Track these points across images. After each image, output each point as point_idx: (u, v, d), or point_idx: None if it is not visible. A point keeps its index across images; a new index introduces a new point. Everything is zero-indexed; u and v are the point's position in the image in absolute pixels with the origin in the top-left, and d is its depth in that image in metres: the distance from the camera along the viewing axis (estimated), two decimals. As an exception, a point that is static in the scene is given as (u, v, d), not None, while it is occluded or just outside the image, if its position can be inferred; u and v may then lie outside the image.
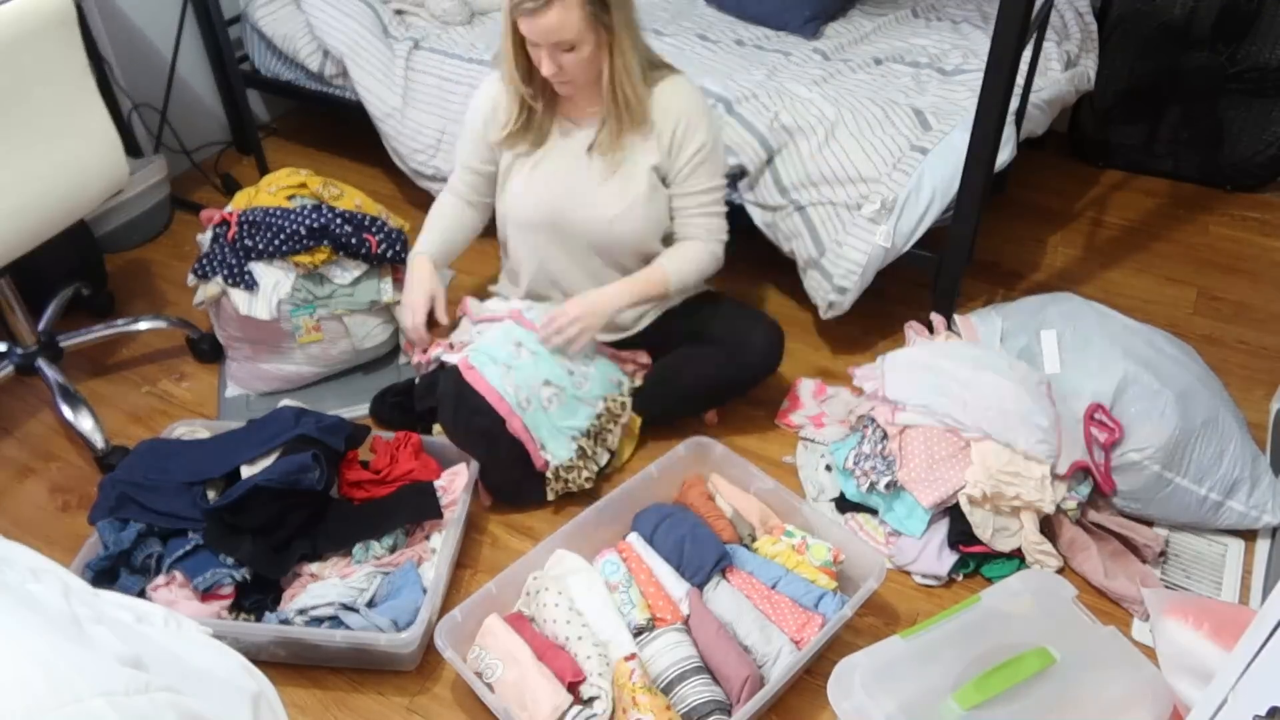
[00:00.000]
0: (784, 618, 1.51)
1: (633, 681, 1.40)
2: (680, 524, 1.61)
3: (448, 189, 1.94)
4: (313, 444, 1.64)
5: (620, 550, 1.61)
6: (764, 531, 1.66)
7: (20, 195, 1.66)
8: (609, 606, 1.51)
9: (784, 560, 1.57)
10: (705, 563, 1.55)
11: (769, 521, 1.67)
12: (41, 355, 2.03)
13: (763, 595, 1.53)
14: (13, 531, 1.81)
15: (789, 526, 1.63)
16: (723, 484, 1.74)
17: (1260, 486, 1.69)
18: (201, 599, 1.53)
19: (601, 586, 1.54)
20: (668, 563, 1.58)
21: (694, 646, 1.46)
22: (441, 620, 1.48)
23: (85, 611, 0.69)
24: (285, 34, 2.64)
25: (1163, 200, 2.67)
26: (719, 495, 1.73)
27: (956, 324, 1.96)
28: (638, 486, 1.69)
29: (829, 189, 2.00)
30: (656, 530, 1.62)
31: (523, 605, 1.57)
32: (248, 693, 0.78)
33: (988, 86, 1.72)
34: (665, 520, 1.63)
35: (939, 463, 1.66)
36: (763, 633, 1.48)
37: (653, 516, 1.64)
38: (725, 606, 1.52)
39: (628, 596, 1.53)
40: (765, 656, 1.46)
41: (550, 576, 1.56)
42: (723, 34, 2.52)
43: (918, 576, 1.68)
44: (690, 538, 1.58)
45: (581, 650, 1.45)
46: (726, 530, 1.64)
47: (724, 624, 1.49)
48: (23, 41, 1.57)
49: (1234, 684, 0.96)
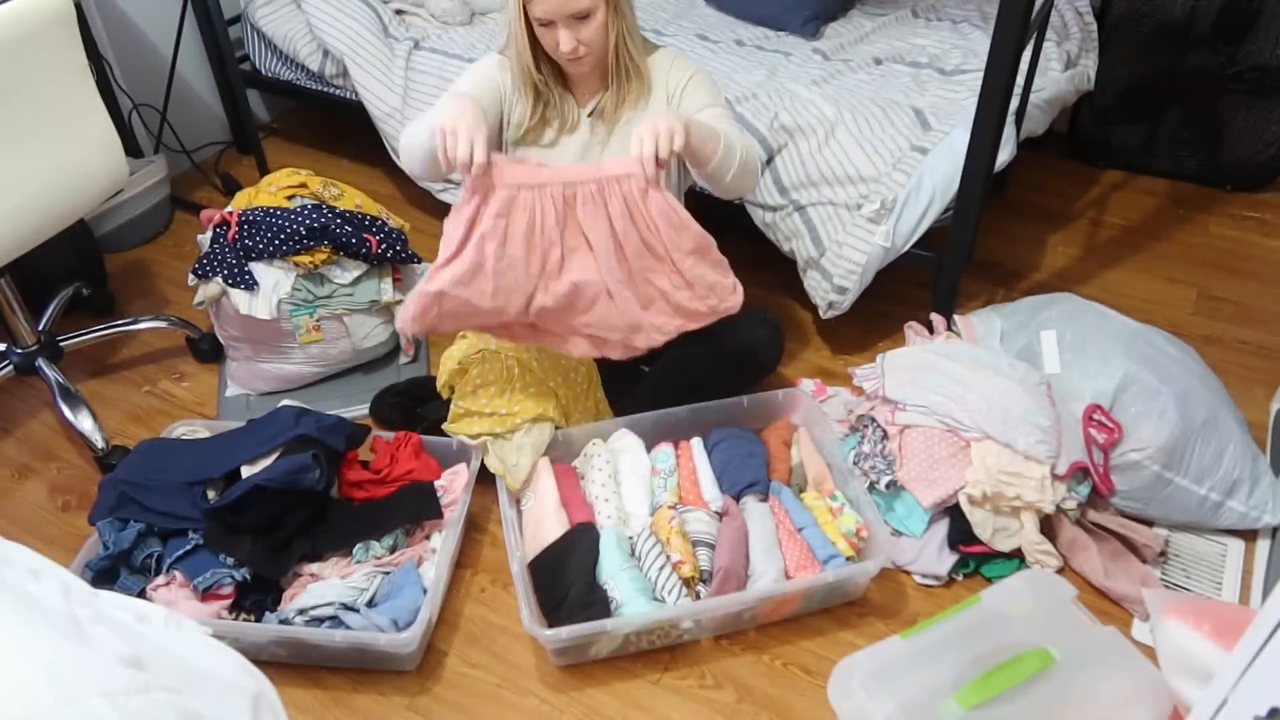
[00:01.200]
0: (793, 556, 1.59)
1: (671, 525, 1.58)
2: (740, 445, 1.75)
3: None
4: (313, 444, 1.64)
5: (678, 446, 1.78)
6: (814, 487, 1.73)
7: (20, 195, 1.66)
8: (643, 487, 1.70)
9: (817, 515, 1.65)
10: (740, 481, 1.68)
11: (824, 484, 1.73)
12: (41, 355, 2.03)
13: (788, 530, 1.63)
14: (13, 531, 1.81)
15: (836, 491, 1.68)
16: (805, 439, 1.81)
17: (1260, 486, 1.69)
18: (201, 599, 1.52)
19: (645, 470, 1.72)
20: (712, 470, 1.72)
21: (717, 529, 1.60)
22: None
23: (85, 611, 0.69)
24: (285, 34, 2.64)
25: (1163, 200, 2.67)
26: (797, 445, 1.80)
27: (956, 324, 1.96)
28: (724, 407, 1.82)
29: (829, 189, 2.00)
30: (719, 445, 1.76)
31: (578, 462, 1.78)
32: (248, 693, 0.77)
33: (988, 86, 1.72)
34: (730, 438, 1.76)
35: (939, 463, 1.67)
36: (766, 553, 1.57)
37: (722, 433, 1.79)
38: (754, 519, 1.63)
39: (665, 483, 1.69)
40: (754, 571, 1.56)
41: (605, 446, 1.76)
42: (723, 34, 2.52)
43: (918, 576, 1.68)
44: (741, 459, 1.71)
45: (604, 511, 1.65)
46: (783, 473, 1.74)
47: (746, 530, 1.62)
48: (22, 42, 1.57)
49: (1234, 684, 0.96)
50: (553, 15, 1.54)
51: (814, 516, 1.64)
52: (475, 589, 1.70)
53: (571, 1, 1.52)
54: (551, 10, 1.53)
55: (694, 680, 1.55)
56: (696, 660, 1.57)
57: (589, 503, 1.68)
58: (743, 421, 1.83)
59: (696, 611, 1.51)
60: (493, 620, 1.65)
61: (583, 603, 1.50)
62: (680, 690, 1.53)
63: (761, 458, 1.74)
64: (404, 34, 2.54)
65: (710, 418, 1.81)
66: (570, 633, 1.45)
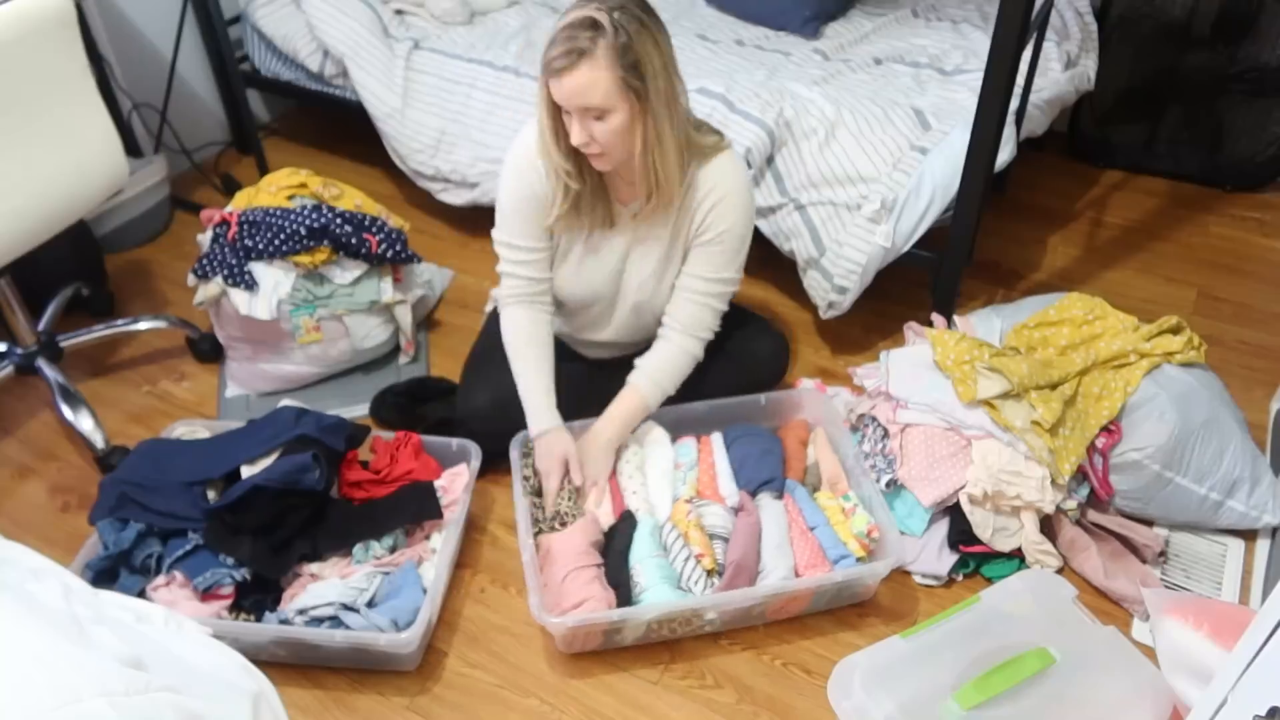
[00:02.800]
0: (803, 554, 1.60)
1: (688, 519, 1.61)
2: (757, 442, 1.77)
3: (511, 297, 1.72)
4: (313, 444, 1.64)
5: (700, 440, 1.81)
6: (828, 487, 1.74)
7: (20, 195, 1.66)
8: (667, 479, 1.73)
9: (830, 515, 1.65)
10: (756, 478, 1.71)
11: (838, 484, 1.73)
12: (41, 355, 2.03)
13: (800, 530, 1.64)
14: (13, 531, 1.81)
15: (849, 492, 1.69)
16: (821, 438, 1.83)
17: (1260, 486, 1.69)
18: (201, 599, 1.52)
19: (670, 462, 1.76)
20: (730, 466, 1.75)
21: (732, 524, 1.62)
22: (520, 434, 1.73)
23: (85, 611, 0.70)
24: (285, 34, 2.64)
25: (1163, 200, 2.67)
26: (814, 444, 1.82)
27: (956, 324, 1.96)
28: (742, 405, 1.85)
29: (829, 189, 2.00)
30: (737, 441, 1.79)
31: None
32: (248, 693, 0.78)
33: (988, 86, 1.72)
34: (747, 435, 1.79)
35: (939, 461, 1.67)
36: (778, 550, 1.58)
37: (740, 430, 1.81)
38: (767, 515, 1.65)
39: (685, 477, 1.74)
40: (764, 567, 1.58)
41: (634, 437, 1.78)
42: (723, 34, 2.52)
43: (918, 576, 1.68)
44: (757, 456, 1.74)
45: (632, 503, 1.69)
46: (798, 472, 1.76)
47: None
48: (23, 42, 1.57)
49: (1234, 684, 0.96)
50: (566, 103, 1.44)
51: (826, 516, 1.65)
52: (475, 589, 1.70)
53: (583, 94, 1.41)
54: (564, 99, 1.44)
55: (694, 680, 1.55)
56: (696, 660, 1.57)
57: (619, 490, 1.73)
58: (760, 419, 1.86)
59: (717, 603, 1.53)
60: (493, 620, 1.65)
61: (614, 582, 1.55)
62: (680, 689, 1.53)
63: (778, 455, 1.76)
64: (404, 34, 2.54)
65: (729, 415, 1.84)
66: (576, 619, 1.47)
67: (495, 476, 1.88)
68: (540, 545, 1.62)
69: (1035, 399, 1.64)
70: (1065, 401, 1.65)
